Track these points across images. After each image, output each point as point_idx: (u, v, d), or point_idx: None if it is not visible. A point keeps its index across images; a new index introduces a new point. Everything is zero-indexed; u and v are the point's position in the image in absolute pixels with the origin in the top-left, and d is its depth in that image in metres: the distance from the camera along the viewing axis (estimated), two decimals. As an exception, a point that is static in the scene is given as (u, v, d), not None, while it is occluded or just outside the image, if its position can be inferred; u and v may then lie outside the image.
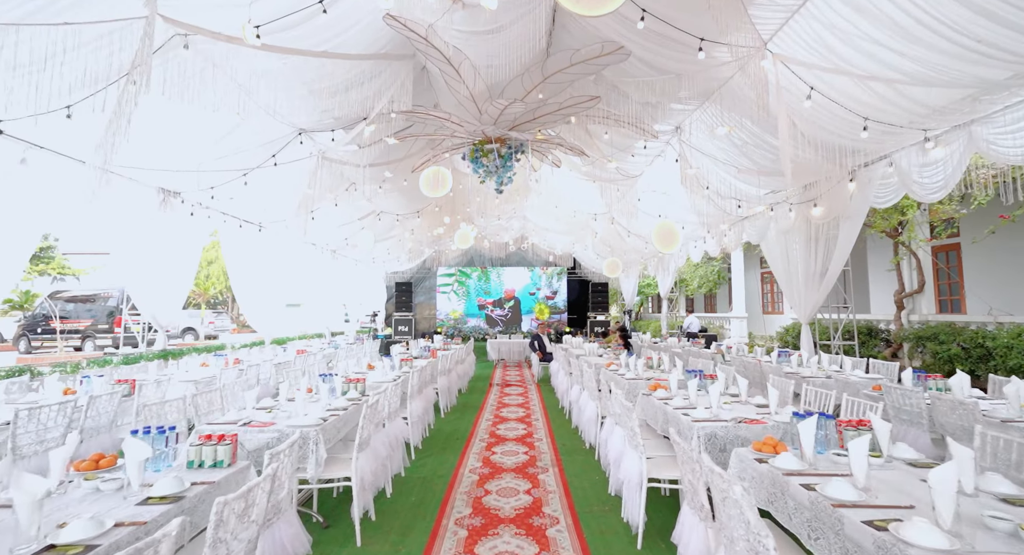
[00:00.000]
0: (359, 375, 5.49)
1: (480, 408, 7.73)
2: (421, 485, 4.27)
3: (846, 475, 2.04)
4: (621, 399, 3.43)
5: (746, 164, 6.54)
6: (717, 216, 8.35)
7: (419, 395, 5.55)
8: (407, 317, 16.93)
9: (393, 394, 4.33)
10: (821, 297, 6.78)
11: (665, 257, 13.33)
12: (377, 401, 3.62)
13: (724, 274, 17.17)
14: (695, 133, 6.84)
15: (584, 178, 9.61)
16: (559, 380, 7.95)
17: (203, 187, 6.79)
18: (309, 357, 7.84)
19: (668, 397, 4.00)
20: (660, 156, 7.91)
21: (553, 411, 7.45)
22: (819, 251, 6.74)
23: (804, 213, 6.97)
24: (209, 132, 5.74)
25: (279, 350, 8.47)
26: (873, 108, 4.34)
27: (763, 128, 5.75)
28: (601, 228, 12.82)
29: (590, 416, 5.16)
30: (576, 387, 6.32)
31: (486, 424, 6.60)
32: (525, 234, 17.18)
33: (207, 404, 3.76)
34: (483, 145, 7.15)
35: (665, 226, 7.69)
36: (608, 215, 11.87)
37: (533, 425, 6.51)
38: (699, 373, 4.29)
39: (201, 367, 6.07)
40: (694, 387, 3.68)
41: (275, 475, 1.85)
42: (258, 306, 9.39)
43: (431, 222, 13.22)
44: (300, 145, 7.07)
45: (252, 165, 6.91)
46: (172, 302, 6.95)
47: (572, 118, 7.22)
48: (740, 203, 7.63)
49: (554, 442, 5.63)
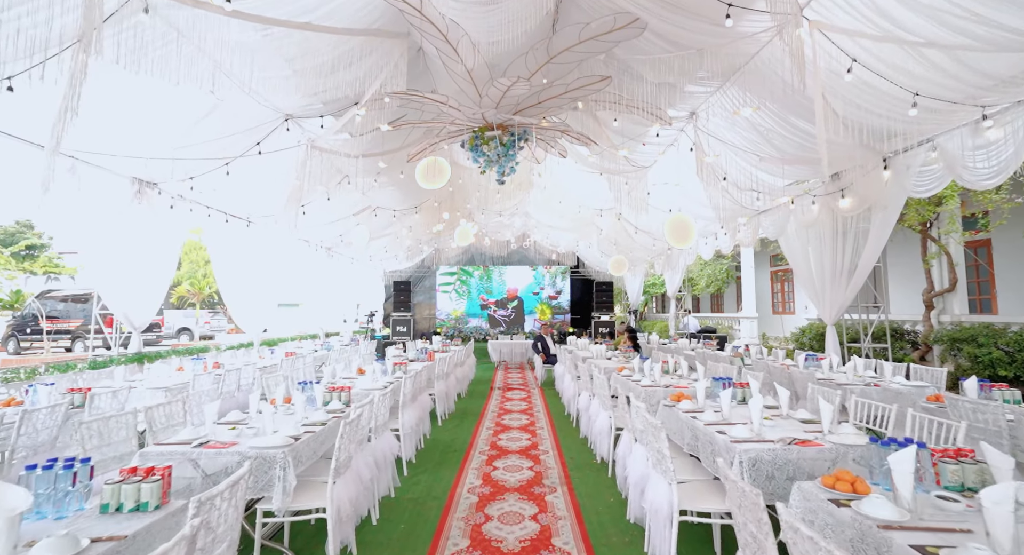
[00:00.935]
0: (346, 382, 4.98)
1: (480, 415, 7.23)
2: (412, 509, 3.77)
3: (966, 532, 1.53)
4: (644, 414, 2.92)
5: (769, 151, 6.03)
6: (733, 210, 7.83)
7: (413, 404, 5.05)
8: (406, 317, 16.43)
9: (381, 405, 3.83)
10: (849, 296, 6.26)
11: (673, 255, 12.81)
12: (360, 415, 3.12)
13: (732, 273, 16.65)
14: (712, 119, 6.33)
15: (590, 171, 9.10)
16: (565, 384, 7.45)
17: (181, 177, 6.29)
18: (298, 360, 7.34)
19: (695, 410, 3.49)
20: (673, 145, 7.40)
21: (559, 418, 6.95)
22: (847, 246, 6.22)
23: (830, 205, 6.45)
24: (184, 114, 5.24)
25: (267, 352, 7.97)
26: (926, 81, 3.82)
27: (791, 110, 5.23)
28: (607, 225, 12.31)
29: (602, 427, 4.66)
30: (585, 394, 5.81)
31: (487, 434, 6.09)
32: (527, 232, 16.67)
33: (165, 418, 3.26)
34: (483, 132, 6.65)
35: (679, 220, 7.17)
36: (615, 211, 11.36)
37: (538, 435, 6.01)
38: (728, 381, 3.78)
39: (177, 372, 5.57)
40: (728, 399, 3.18)
41: (196, 535, 1.35)
42: (246, 306, 8.89)
43: (429, 218, 12.72)
44: (287, 132, 6.56)
45: (234, 153, 6.41)
46: (148, 301, 6.45)
47: (579, 103, 6.72)
48: (759, 195, 7.12)
49: (561, 455, 5.12)
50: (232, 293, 8.68)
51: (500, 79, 5.49)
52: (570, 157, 8.65)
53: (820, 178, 6.15)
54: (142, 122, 5.09)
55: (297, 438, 2.90)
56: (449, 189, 11.49)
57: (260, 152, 6.48)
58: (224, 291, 8.54)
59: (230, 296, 8.64)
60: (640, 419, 3.10)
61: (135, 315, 6.22)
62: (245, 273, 8.84)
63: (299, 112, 6.47)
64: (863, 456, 2.45)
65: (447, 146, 9.25)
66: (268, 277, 9.62)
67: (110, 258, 5.88)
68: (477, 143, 6.64)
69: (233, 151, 6.35)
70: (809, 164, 5.82)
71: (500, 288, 17.90)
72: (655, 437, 2.74)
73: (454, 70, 5.79)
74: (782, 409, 3.25)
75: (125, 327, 6.56)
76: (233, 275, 8.65)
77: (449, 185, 11.52)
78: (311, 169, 7.24)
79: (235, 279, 8.68)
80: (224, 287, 8.52)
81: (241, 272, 8.76)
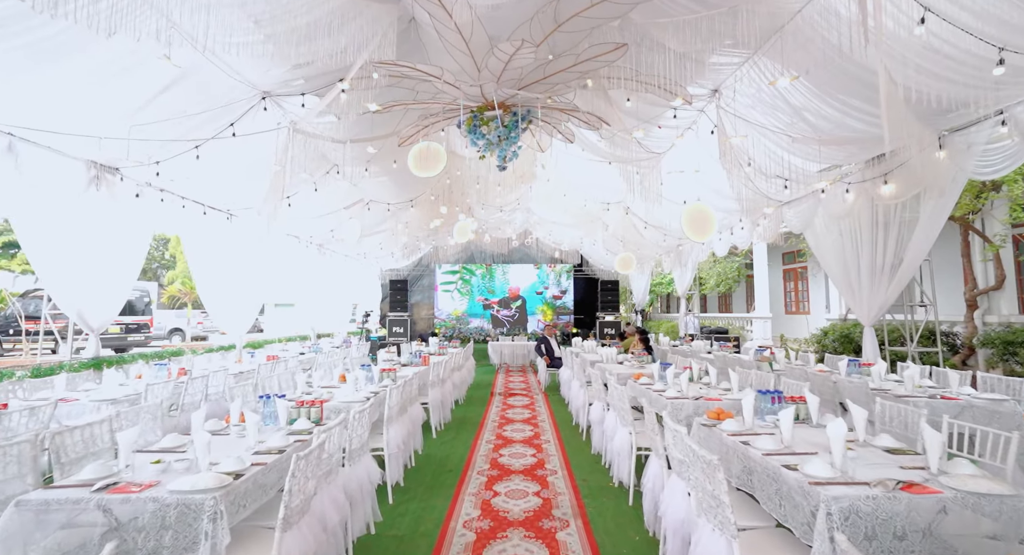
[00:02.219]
0: (325, 392, 4.32)
1: (480, 425, 6.56)
2: (396, 551, 3.10)
3: None
4: (689, 441, 2.26)
5: (803, 131, 5.36)
6: (756, 200, 7.16)
7: (401, 418, 4.38)
8: (402, 317, 15.77)
9: (359, 423, 3.16)
10: (892, 295, 5.59)
11: (683, 251, 12.14)
12: (324, 442, 2.45)
13: (743, 271, 15.96)
14: (738, 96, 5.66)
15: (598, 160, 8.44)
16: (572, 392, 6.78)
17: (142, 161, 5.63)
18: (279, 365, 6.68)
19: (744, 433, 2.82)
20: (691, 128, 6.73)
21: (566, 429, 6.28)
22: (889, 239, 5.55)
23: (869, 193, 5.78)
24: (141, 86, 4.57)
25: (248, 356, 7.30)
26: (1020, 31, 3.15)
27: (833, 81, 4.57)
28: (613, 220, 11.65)
29: (620, 446, 3.99)
30: (597, 404, 5.14)
31: (486, 448, 5.42)
32: (529, 228, 16.02)
33: (83, 444, 2.59)
34: (483, 112, 5.99)
35: (698, 210, 6.50)
36: (623, 204, 10.71)
37: (544, 450, 5.34)
38: (777, 395, 3.11)
39: (136, 380, 4.92)
40: (789, 421, 2.51)
41: None
42: (228, 306, 8.23)
43: (426, 213, 12.05)
44: (265, 112, 5.91)
45: (205, 135, 5.75)
46: (108, 300, 5.78)
47: (588, 81, 6.06)
48: (787, 183, 6.44)
49: (572, 477, 4.45)
50: (211, 292, 8.02)
51: (502, 45, 4.83)
52: (577, 144, 7.99)
53: (864, 158, 5.48)
54: (92, 93, 4.43)
55: (240, 474, 2.23)
56: (447, 181, 10.83)
57: (235, 134, 5.82)
58: (202, 290, 7.88)
59: (209, 295, 7.98)
60: (680, 447, 2.43)
61: (92, 316, 5.56)
62: (227, 271, 8.17)
63: (277, 89, 5.82)
64: (1001, 511, 1.78)
65: (444, 132, 8.59)
66: (253, 275, 8.97)
67: (62, 252, 5.22)
68: (476, 124, 5.97)
69: (203, 132, 5.69)
70: (851, 145, 5.15)
71: (503, 287, 17.23)
72: (708, 476, 2.07)
73: (450, 41, 5.14)
74: (858, 435, 2.58)
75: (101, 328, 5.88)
76: (213, 273, 7.99)
77: (447, 176, 10.87)
78: (294, 155, 6.59)
79: (215, 277, 8.02)
80: (202, 286, 7.86)
81: (222, 270, 8.10)
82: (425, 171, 7.10)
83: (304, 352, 8.87)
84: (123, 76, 4.34)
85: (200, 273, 7.82)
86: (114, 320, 17.46)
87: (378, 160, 8.30)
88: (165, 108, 4.95)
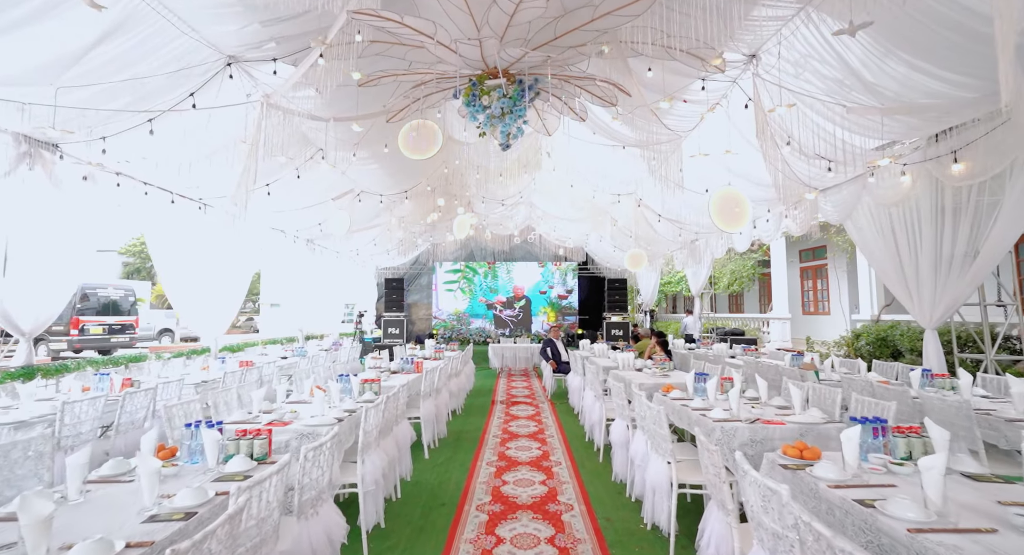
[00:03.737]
0: (286, 414, 3.50)
1: (479, 442, 5.74)
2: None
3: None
4: (801, 514, 1.44)
5: (860, 99, 4.54)
6: (789, 187, 6.33)
7: (382, 443, 3.56)
8: (398, 318, 14.94)
9: (315, 465, 2.34)
10: (966, 292, 4.76)
11: (698, 247, 11.32)
12: (239, 512, 1.63)
13: (757, 269, 15.12)
14: (782, 62, 4.84)
15: (611, 144, 7.63)
16: (586, 404, 5.96)
17: (87, 135, 4.81)
18: (251, 372, 5.86)
19: (853, 485, 1.99)
20: (721, 103, 5.91)
21: (579, 447, 5.46)
22: (961, 227, 4.72)
23: (934, 174, 4.96)
24: (67, 36, 3.75)
25: (217, 362, 6.48)
26: None
27: (913, 29, 3.75)
28: (624, 213, 10.82)
29: (657, 481, 3.16)
30: (620, 423, 4.32)
31: (486, 473, 4.60)
32: (532, 224, 15.21)
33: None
34: (484, 81, 5.18)
35: (729, 197, 5.68)
36: (635, 196, 9.89)
37: (555, 475, 4.51)
38: (881, 425, 2.29)
39: (66, 394, 4.10)
40: (937, 477, 1.68)
41: None
42: (200, 305, 7.41)
43: (422, 207, 11.23)
44: (231, 80, 5.10)
45: (159, 105, 4.93)
46: (46, 300, 4.96)
47: (605, 47, 5.25)
48: (831, 165, 5.63)
49: (593, 515, 3.63)
50: (181, 291, 7.20)
51: (506, -11, 4.02)
52: (587, 127, 7.17)
53: (938, 129, 4.66)
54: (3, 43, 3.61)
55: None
56: (444, 170, 10.02)
57: (195, 105, 5.01)
58: (170, 289, 7.06)
59: (178, 294, 7.16)
60: (775, 517, 1.61)
61: (23, 317, 4.74)
62: (200, 267, 7.36)
63: (245, 53, 5.02)
64: None
65: (440, 115, 7.77)
66: (231, 272, 8.16)
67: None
68: (475, 95, 5.15)
69: (156, 102, 4.87)
70: (924, 114, 4.32)
71: (505, 286, 16.41)
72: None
73: (444, -10, 4.34)
74: None
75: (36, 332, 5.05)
76: (184, 269, 7.17)
77: (444, 165, 10.05)
78: (269, 133, 5.77)
79: (186, 274, 7.20)
80: (171, 283, 7.04)
81: (195, 266, 7.28)
82: (418, 152, 6.29)
83: (287, 356, 8.05)
84: (41, 19, 3.53)
85: (168, 269, 7.00)
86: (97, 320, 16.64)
87: (367, 144, 7.49)
88: (103, 69, 4.13)
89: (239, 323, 36.33)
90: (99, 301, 16.73)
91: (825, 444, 2.99)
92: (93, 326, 16.15)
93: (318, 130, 6.64)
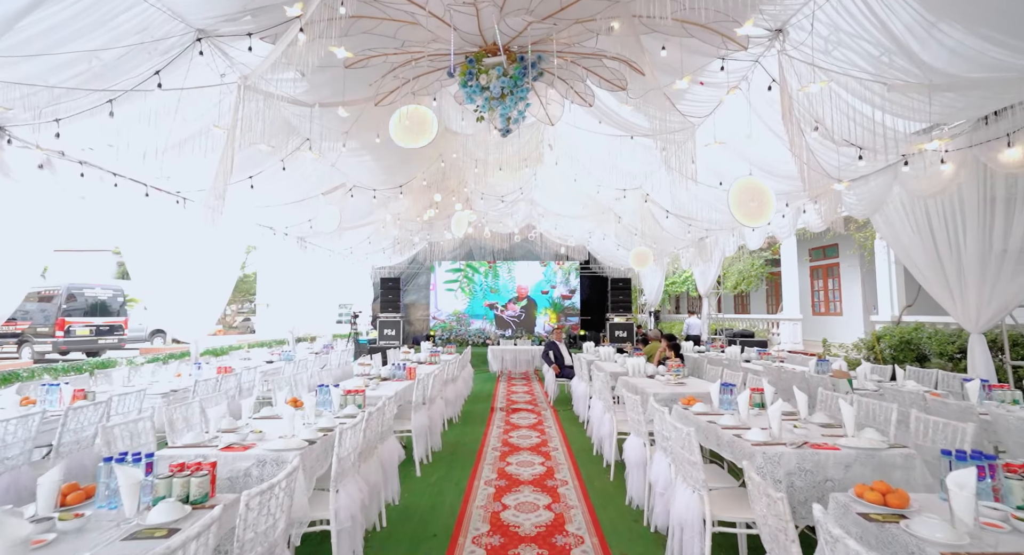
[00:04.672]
0: (247, 436, 3.00)
1: (477, 456, 5.24)
2: None
3: None
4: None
5: (901, 75, 4.05)
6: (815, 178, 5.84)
7: (362, 468, 3.06)
8: (394, 319, 14.43)
9: (262, 515, 1.84)
10: (1022, 292, 4.28)
11: (707, 245, 10.82)
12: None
13: (765, 268, 14.62)
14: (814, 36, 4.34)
15: (619, 134, 7.14)
16: (594, 415, 5.45)
17: (35, 116, 4.31)
18: (228, 379, 5.36)
19: (971, 551, 1.50)
20: (741, 85, 5.41)
21: (587, 462, 4.95)
22: (1017, 219, 4.23)
23: (982, 160, 4.47)
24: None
25: (189, 368, 5.96)
26: None
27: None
28: (629, 209, 10.33)
29: (687, 516, 2.66)
30: (636, 440, 3.82)
31: (484, 494, 4.10)
32: (532, 222, 14.71)
33: None
34: (481, 58, 4.68)
35: (750, 187, 5.19)
36: (641, 191, 9.39)
37: (561, 498, 4.01)
38: (988, 462, 1.80)
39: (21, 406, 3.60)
40: None
41: None
42: (177, 306, 6.91)
43: (418, 203, 10.73)
44: (201, 57, 4.60)
45: (120, 84, 4.43)
46: (-6, 300, 4.46)
47: (615, 22, 4.76)
48: (862, 153, 5.13)
49: (607, 549, 3.13)
50: (156, 290, 6.69)
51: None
52: (593, 114, 6.68)
53: (997, 107, 4.17)
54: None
55: None
56: (441, 164, 9.51)
57: (160, 84, 4.51)
58: (144, 287, 6.56)
59: (152, 294, 6.66)
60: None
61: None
62: (178, 265, 6.86)
63: (217, 27, 4.52)
64: None
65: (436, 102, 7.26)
66: (214, 271, 7.67)
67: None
68: (472, 73, 4.65)
69: (116, 80, 4.37)
70: (980, 89, 3.83)
71: (507, 286, 15.91)
72: None
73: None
74: None
75: None
76: (158, 267, 6.67)
77: (440, 158, 9.56)
78: (248, 119, 5.29)
79: (162, 272, 6.70)
80: (143, 282, 6.53)
81: (172, 263, 6.78)
82: (411, 140, 5.79)
83: (272, 360, 7.55)
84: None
85: (141, 267, 6.50)
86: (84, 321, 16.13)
87: (358, 134, 6.98)
88: (43, 38, 3.63)
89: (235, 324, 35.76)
90: (87, 301, 16.19)
91: (887, 475, 2.50)
92: (80, 327, 15.62)
93: (303, 117, 6.14)
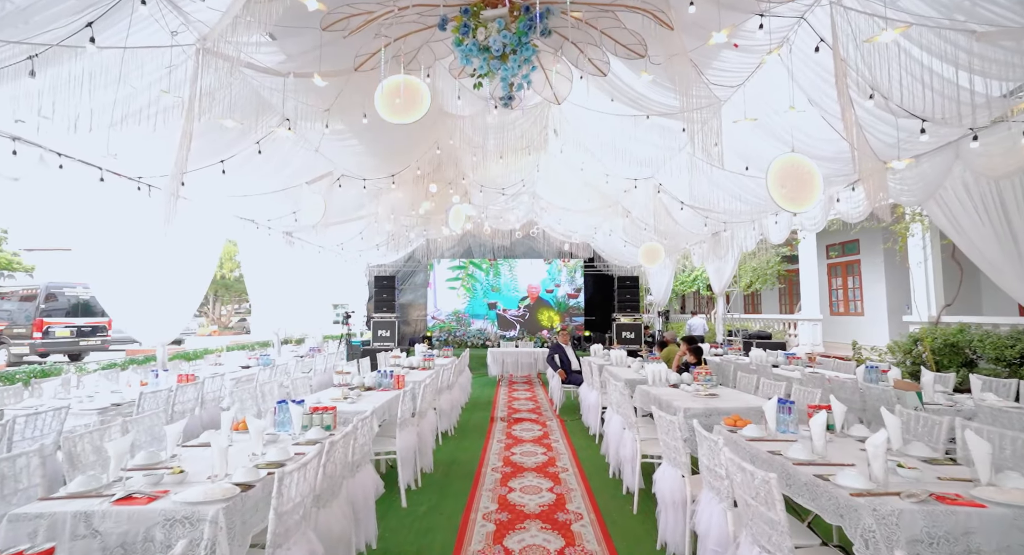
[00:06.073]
0: (163, 478, 2.25)
1: (474, 480, 4.49)
2: None
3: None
4: None
5: (992, 19, 3.31)
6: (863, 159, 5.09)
7: (311, 527, 2.30)
8: (389, 319, 13.68)
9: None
10: None
11: (723, 240, 10.07)
12: None
13: (782, 266, 13.86)
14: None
15: (633, 113, 6.41)
16: (610, 429, 4.69)
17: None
18: (188, 390, 4.62)
19: None
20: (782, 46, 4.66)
21: (603, 489, 4.20)
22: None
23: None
24: None
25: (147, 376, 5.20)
26: None
27: None
28: (639, 202, 9.58)
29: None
30: (670, 470, 3.06)
31: (482, 534, 3.35)
32: (534, 218, 13.97)
33: None
34: (478, 11, 3.95)
35: (793, 166, 4.43)
36: (653, 181, 8.64)
37: (576, 537, 3.26)
38: None
39: None
40: None
41: None
42: (138, 306, 6.16)
43: (412, 195, 9.98)
44: (144, 7, 3.84)
45: (41, 37, 3.69)
46: None
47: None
48: (925, 124, 4.39)
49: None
50: (112, 288, 5.95)
51: None
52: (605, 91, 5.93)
53: None
54: None
55: None
56: (436, 151, 8.77)
57: (93, 38, 3.76)
58: (97, 285, 5.81)
59: (108, 294, 5.91)
60: None
61: None
62: (139, 259, 6.12)
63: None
64: None
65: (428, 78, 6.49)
66: (184, 267, 6.92)
67: None
68: (467, 27, 3.91)
69: (36, 33, 3.63)
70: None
71: (508, 285, 15.17)
72: None
73: None
74: None
75: None
76: (115, 261, 5.92)
77: (436, 146, 8.82)
78: (207, 89, 4.57)
79: (119, 267, 5.96)
80: (96, 278, 5.79)
81: (131, 257, 6.04)
82: (400, 115, 5.02)
83: (249, 365, 6.80)
84: None
85: (93, 261, 5.75)
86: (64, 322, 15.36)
87: (342, 113, 6.21)
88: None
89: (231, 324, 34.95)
90: (67, 301, 15.47)
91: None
92: (60, 328, 14.89)
93: (276, 90, 5.39)
